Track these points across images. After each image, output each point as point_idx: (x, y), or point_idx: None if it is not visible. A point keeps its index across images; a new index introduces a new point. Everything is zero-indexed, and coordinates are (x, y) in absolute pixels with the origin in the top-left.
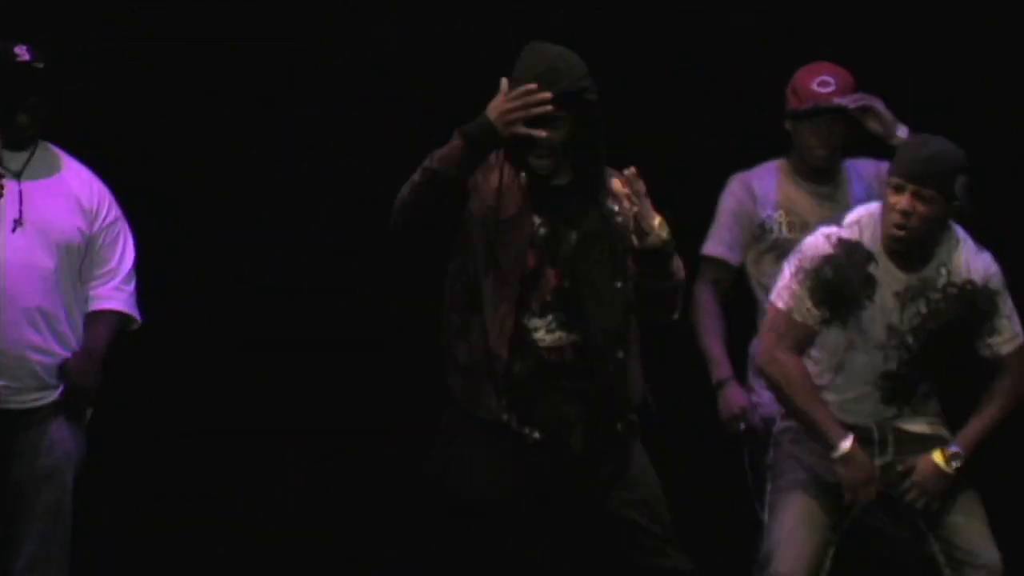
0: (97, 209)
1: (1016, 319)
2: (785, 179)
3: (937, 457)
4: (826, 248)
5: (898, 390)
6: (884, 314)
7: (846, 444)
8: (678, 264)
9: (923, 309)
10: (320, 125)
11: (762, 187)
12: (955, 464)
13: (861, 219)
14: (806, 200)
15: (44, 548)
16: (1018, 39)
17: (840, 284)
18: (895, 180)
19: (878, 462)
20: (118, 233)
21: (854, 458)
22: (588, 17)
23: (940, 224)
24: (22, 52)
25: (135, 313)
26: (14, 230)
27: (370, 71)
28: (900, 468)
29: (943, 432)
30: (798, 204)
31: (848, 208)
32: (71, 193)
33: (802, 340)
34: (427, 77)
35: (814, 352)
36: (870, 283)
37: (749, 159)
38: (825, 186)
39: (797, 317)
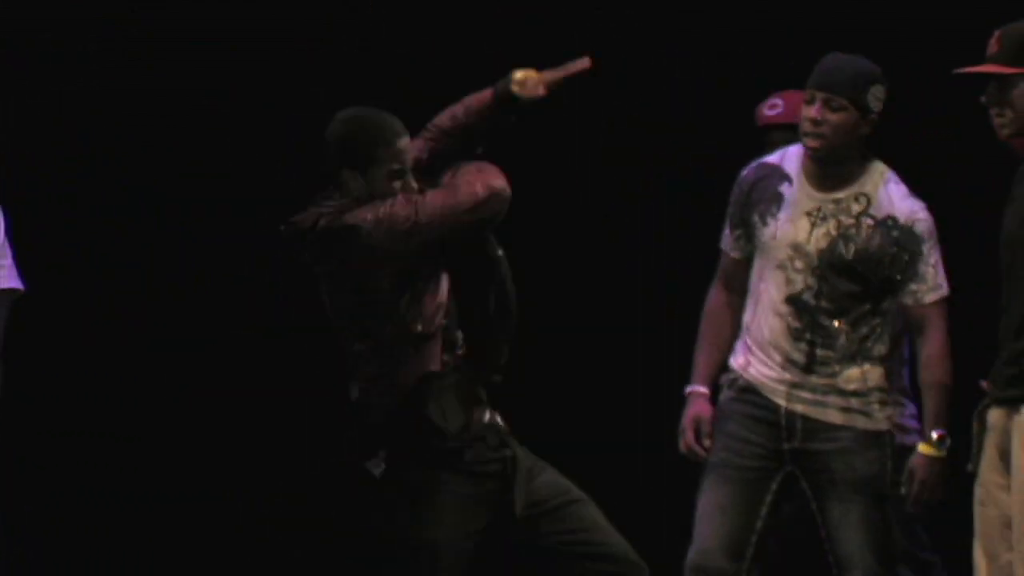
0: None
1: (942, 273)
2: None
3: (926, 449)
4: (744, 173)
5: (805, 322)
6: (791, 232)
7: (691, 388)
8: None
9: (832, 231)
10: (320, 125)
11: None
12: (945, 445)
13: (790, 148)
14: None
15: None
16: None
17: (744, 201)
18: (806, 93)
19: (786, 447)
20: None
21: (691, 399)
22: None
23: (854, 138)
24: None
25: (18, 285)
26: None
27: (371, 71)
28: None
29: (857, 423)
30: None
31: None
32: None
33: (730, 273)
34: (428, 76)
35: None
36: (776, 200)
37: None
38: None
39: (723, 247)
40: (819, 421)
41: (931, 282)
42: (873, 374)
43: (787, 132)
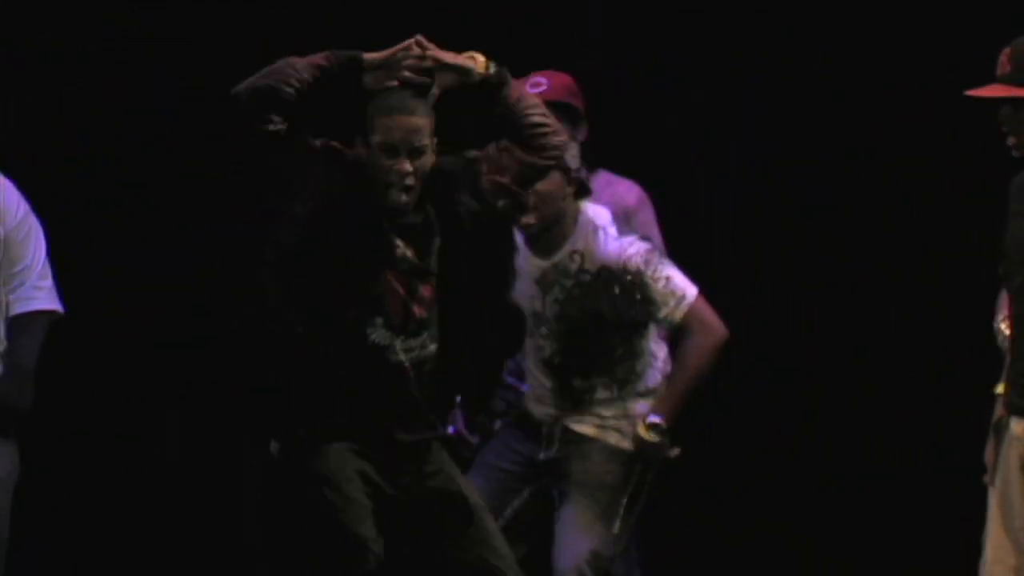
0: (5, 207)
1: (677, 281)
2: None
3: (640, 430)
4: None
5: (560, 381)
6: (529, 301)
7: None
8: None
9: (560, 296)
10: (323, 125)
11: None
12: (655, 433)
13: None
14: None
15: None
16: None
17: None
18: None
19: (543, 456)
20: (29, 227)
21: None
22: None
23: (563, 200)
24: None
25: (58, 307)
26: None
27: None
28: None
29: (609, 439)
30: None
31: None
32: None
33: None
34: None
35: None
36: (512, 272)
37: None
38: None
39: None
40: (575, 432)
41: (672, 300)
42: (635, 406)
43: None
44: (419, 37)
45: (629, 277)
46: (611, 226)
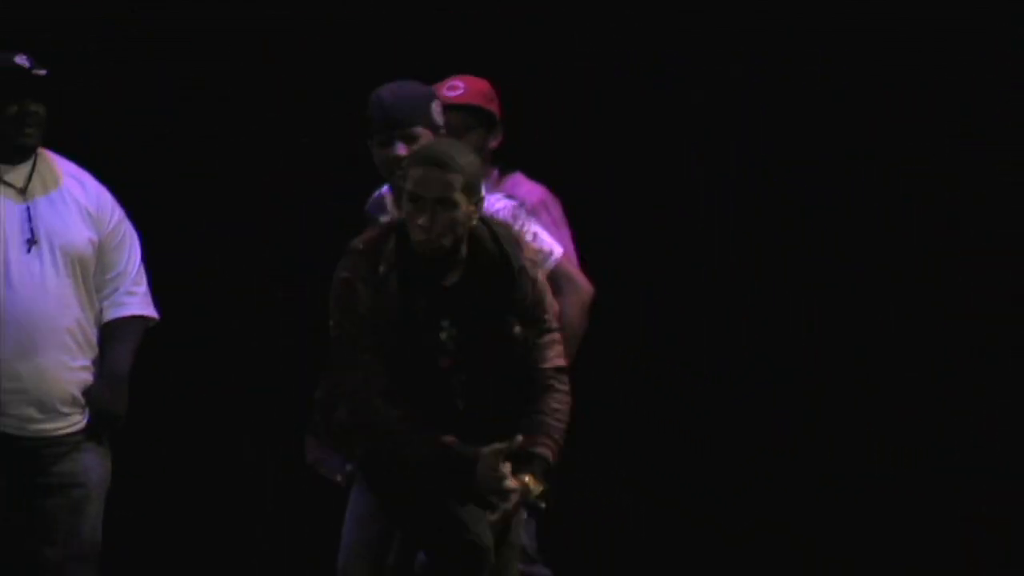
0: (101, 213)
1: (544, 238)
2: None
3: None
4: (368, 202)
5: None
6: None
7: None
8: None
9: None
10: (323, 125)
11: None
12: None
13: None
14: None
15: None
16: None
17: None
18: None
19: None
20: (124, 234)
21: None
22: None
23: None
24: (22, 60)
25: (152, 313)
26: (28, 251)
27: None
28: None
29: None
30: None
31: None
32: (77, 202)
33: None
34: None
35: None
36: None
37: None
38: None
39: None
40: None
41: (539, 256)
42: None
43: (465, 114)
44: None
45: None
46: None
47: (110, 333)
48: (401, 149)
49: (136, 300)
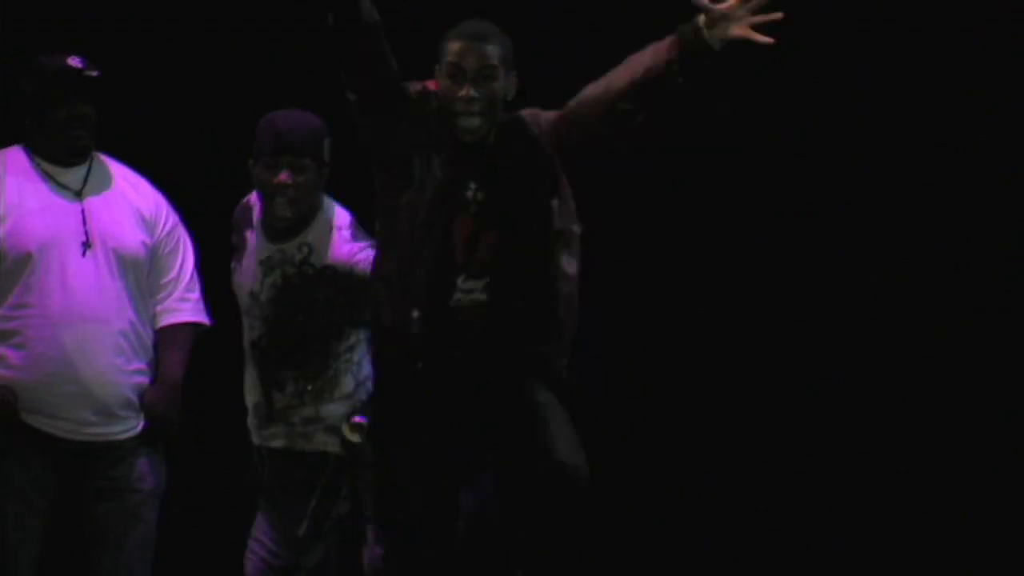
0: (156, 218)
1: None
2: None
3: (345, 431)
4: (237, 206)
5: (264, 365)
6: (250, 280)
7: None
8: None
9: (278, 281)
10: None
11: None
12: (357, 434)
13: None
14: None
15: None
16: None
17: (232, 239)
18: (268, 159)
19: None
20: (178, 239)
21: None
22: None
23: (318, 192)
24: (75, 62)
25: (204, 319)
26: (84, 253)
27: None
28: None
29: (295, 445)
30: None
31: None
32: (131, 206)
33: None
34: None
35: None
36: (243, 245)
37: None
38: None
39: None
40: (270, 449)
41: None
42: (326, 410)
43: None
44: None
45: (354, 281)
46: (348, 229)
47: (163, 339)
48: (285, 176)
49: (189, 306)
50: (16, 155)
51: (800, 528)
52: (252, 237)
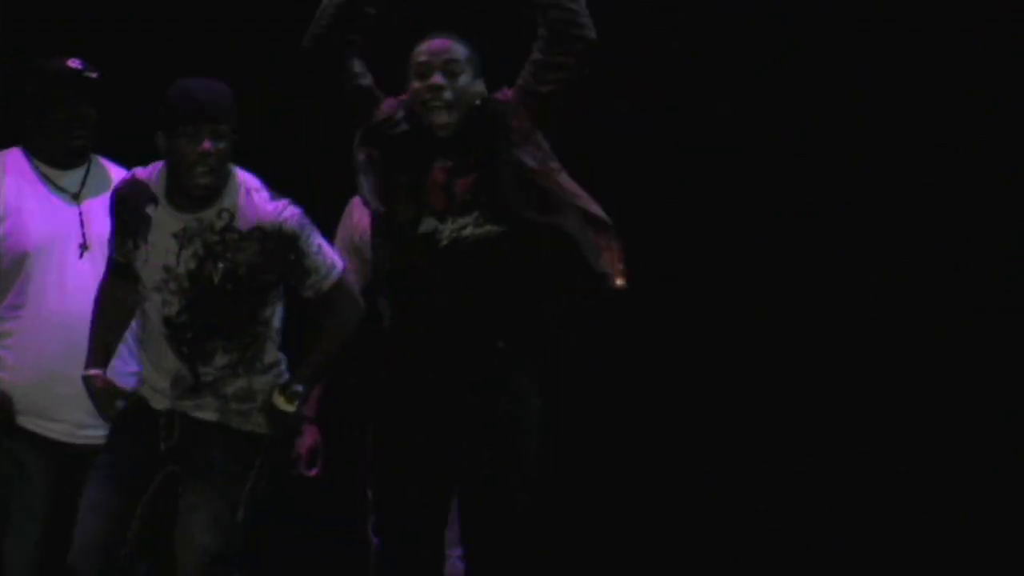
0: None
1: (327, 252)
2: None
3: (279, 400)
4: (118, 185)
5: (184, 341)
6: (161, 255)
7: (89, 371)
8: None
9: (200, 250)
10: (324, 125)
11: (360, 209)
12: (294, 402)
13: (160, 163)
14: None
15: None
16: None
17: (122, 217)
18: (188, 128)
19: (164, 446)
20: None
21: (90, 381)
22: None
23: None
24: (75, 63)
25: None
26: (81, 256)
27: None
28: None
29: (231, 422)
30: None
31: None
32: None
33: (123, 269)
34: None
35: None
36: (145, 222)
37: None
38: None
39: (113, 253)
40: (194, 419)
41: (324, 269)
42: (259, 382)
43: None
44: None
45: (282, 241)
46: (264, 190)
47: None
48: (208, 144)
49: None
50: (15, 157)
51: (800, 528)
52: (154, 211)
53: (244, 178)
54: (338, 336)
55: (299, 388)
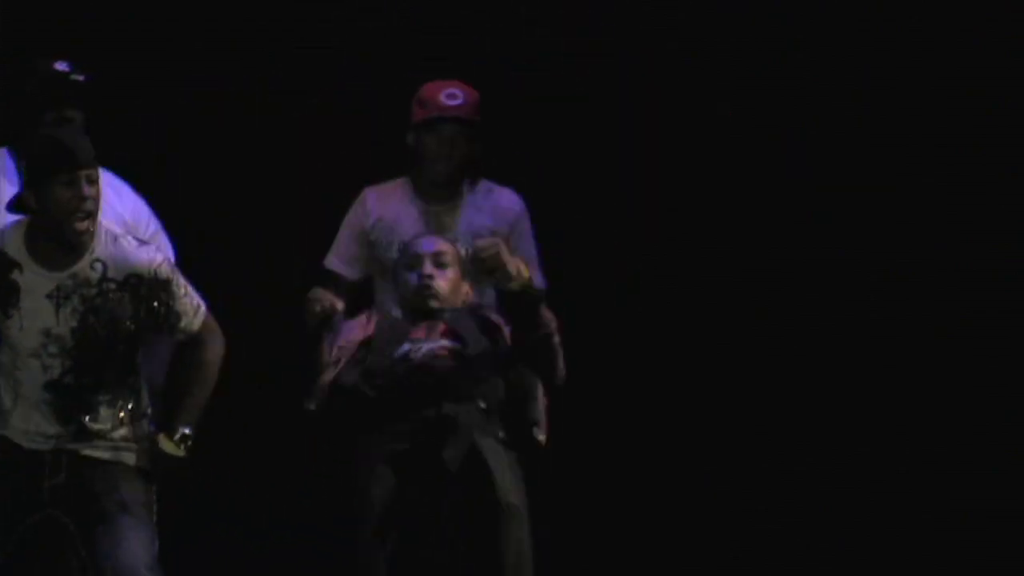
0: (136, 223)
1: (192, 292)
2: (401, 195)
3: (166, 445)
4: None
5: (69, 402)
6: (37, 319)
7: None
8: (548, 315)
9: (79, 307)
10: (324, 125)
11: (376, 202)
12: (186, 444)
13: (4, 228)
14: (412, 218)
15: None
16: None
17: None
18: (66, 175)
19: (48, 485)
20: (159, 245)
21: None
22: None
23: None
24: (61, 66)
25: None
26: None
27: (378, 71)
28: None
29: (127, 460)
30: (402, 221)
31: (454, 230)
32: (114, 211)
33: None
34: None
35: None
36: (13, 291)
37: None
38: (437, 205)
39: None
40: (88, 457)
41: (192, 311)
42: (141, 427)
43: (467, 127)
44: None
45: (156, 286)
46: (128, 235)
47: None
48: (87, 190)
49: None
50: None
51: (800, 528)
52: (20, 276)
53: (107, 224)
54: (212, 372)
55: (187, 431)
